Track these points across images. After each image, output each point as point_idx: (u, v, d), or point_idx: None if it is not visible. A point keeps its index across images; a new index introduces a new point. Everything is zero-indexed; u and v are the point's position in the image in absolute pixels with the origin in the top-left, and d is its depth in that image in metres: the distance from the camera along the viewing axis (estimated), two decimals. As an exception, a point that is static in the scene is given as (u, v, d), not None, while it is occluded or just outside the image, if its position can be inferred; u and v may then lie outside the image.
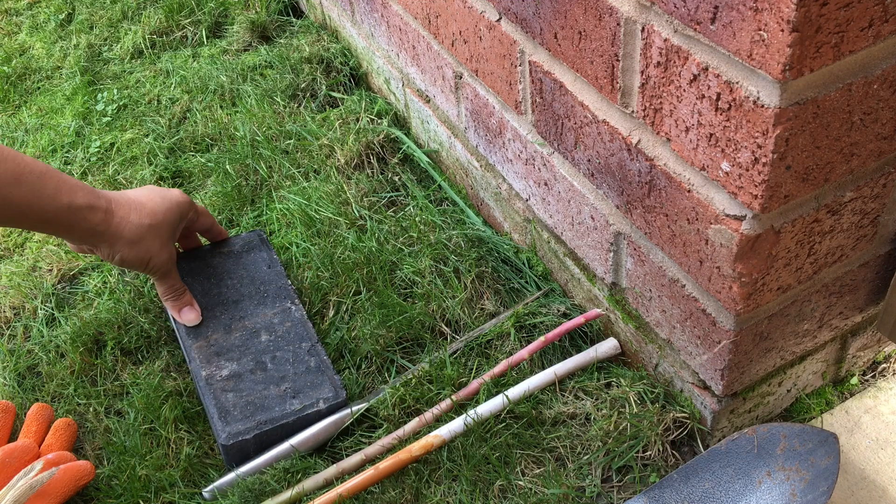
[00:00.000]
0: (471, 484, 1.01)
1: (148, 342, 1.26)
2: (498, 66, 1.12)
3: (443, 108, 1.38)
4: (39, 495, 1.02)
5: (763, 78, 0.68)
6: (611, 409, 1.05)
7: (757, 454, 0.96)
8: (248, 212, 1.46)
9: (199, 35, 1.93)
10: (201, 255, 1.31)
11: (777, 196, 0.75)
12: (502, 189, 1.28)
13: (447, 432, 1.05)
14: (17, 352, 1.28)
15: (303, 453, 1.07)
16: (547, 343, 1.13)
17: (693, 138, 0.79)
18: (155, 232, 1.10)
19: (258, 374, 1.14)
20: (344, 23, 1.72)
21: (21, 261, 1.45)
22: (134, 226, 1.08)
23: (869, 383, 1.11)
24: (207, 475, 1.09)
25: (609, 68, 0.88)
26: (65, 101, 1.82)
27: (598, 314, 1.13)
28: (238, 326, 1.20)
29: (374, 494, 1.02)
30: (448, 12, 1.19)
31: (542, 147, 1.10)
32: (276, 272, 1.28)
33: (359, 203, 1.41)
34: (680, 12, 0.74)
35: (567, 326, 1.14)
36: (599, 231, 1.05)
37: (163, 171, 1.57)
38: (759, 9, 0.65)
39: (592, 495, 1.00)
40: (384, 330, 1.20)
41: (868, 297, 0.99)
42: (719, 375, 0.94)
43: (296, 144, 1.55)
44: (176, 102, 1.73)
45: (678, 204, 0.86)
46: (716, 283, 0.86)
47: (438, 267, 1.27)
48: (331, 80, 1.69)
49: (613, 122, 0.92)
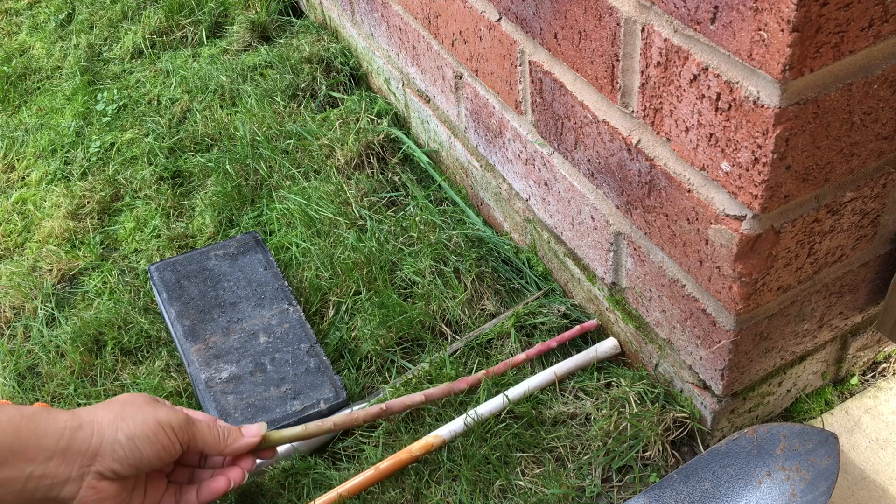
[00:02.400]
0: (471, 484, 1.01)
1: (148, 342, 1.26)
2: (498, 66, 1.12)
3: (443, 108, 1.38)
4: (39, 496, 1.02)
5: (763, 78, 0.68)
6: (611, 409, 1.05)
7: (757, 454, 0.96)
8: (248, 212, 1.46)
9: (199, 35, 1.93)
10: (196, 259, 1.31)
11: (777, 196, 0.75)
12: (502, 189, 1.28)
13: (447, 432, 1.05)
14: (17, 352, 1.28)
15: (303, 453, 1.07)
16: (542, 351, 1.13)
17: (693, 138, 0.79)
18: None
19: (258, 376, 1.14)
20: (344, 23, 1.72)
21: (21, 261, 1.45)
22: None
23: (869, 383, 1.11)
24: (207, 475, 1.09)
25: (609, 68, 0.88)
26: (65, 101, 1.82)
27: (595, 325, 1.13)
28: (236, 329, 1.20)
29: (374, 494, 1.02)
30: (448, 12, 1.19)
31: (542, 147, 1.10)
32: (272, 273, 1.28)
33: (359, 203, 1.41)
34: (680, 12, 0.74)
35: (563, 337, 1.14)
36: (599, 231, 1.05)
37: (163, 170, 1.57)
38: (759, 9, 0.65)
39: (592, 495, 1.00)
40: (384, 330, 1.19)
41: (868, 297, 0.99)
42: (719, 375, 0.94)
43: (296, 144, 1.55)
44: (176, 102, 1.73)
45: (678, 204, 0.86)
46: (716, 283, 0.86)
47: (438, 267, 1.27)
48: (331, 80, 1.69)
49: (613, 122, 0.91)
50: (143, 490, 0.72)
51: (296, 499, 1.03)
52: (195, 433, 0.73)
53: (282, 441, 0.79)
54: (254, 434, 0.77)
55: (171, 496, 0.75)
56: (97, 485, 0.68)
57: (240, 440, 0.77)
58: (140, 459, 0.70)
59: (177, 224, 1.47)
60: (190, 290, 1.26)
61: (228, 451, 0.76)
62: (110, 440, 0.69)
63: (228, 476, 0.78)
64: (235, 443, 0.76)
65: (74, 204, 1.53)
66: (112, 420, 0.70)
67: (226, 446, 0.76)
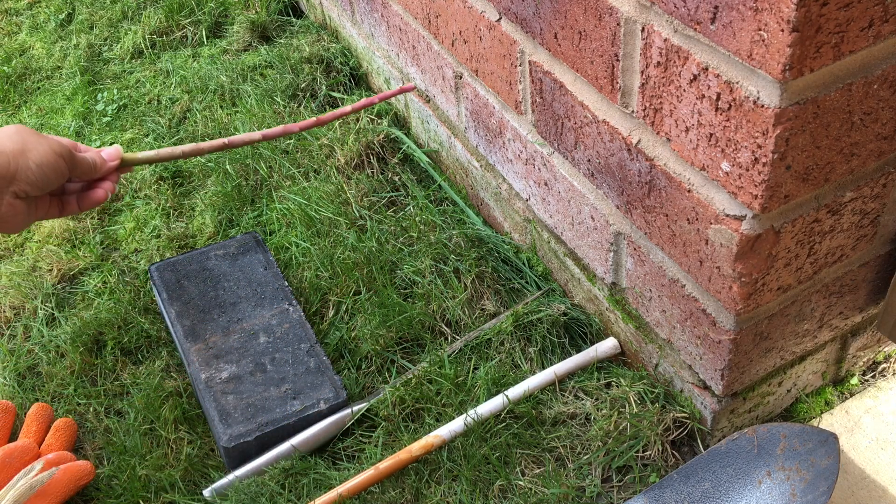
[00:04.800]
0: (471, 484, 1.01)
1: (148, 342, 1.26)
2: (498, 66, 1.12)
3: (443, 108, 1.38)
4: (39, 495, 1.02)
5: (763, 78, 0.68)
6: (611, 409, 1.05)
7: (757, 454, 0.96)
8: (248, 212, 1.46)
9: (199, 35, 1.93)
10: (196, 259, 1.31)
11: (777, 196, 0.75)
12: (502, 189, 1.28)
13: (447, 432, 1.05)
14: (17, 352, 1.28)
15: (303, 453, 1.07)
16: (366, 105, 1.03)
17: (693, 138, 0.79)
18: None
19: (258, 376, 1.14)
20: (344, 23, 1.72)
21: (21, 261, 1.45)
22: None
23: (869, 383, 1.11)
24: (208, 475, 1.09)
25: (609, 68, 0.88)
26: (65, 101, 1.82)
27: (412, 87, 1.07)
28: (236, 329, 1.20)
29: (374, 494, 1.02)
30: (448, 12, 1.19)
31: (542, 147, 1.10)
32: (272, 273, 1.28)
33: (359, 203, 1.41)
34: (680, 12, 0.74)
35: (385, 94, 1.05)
36: (599, 231, 1.05)
37: (163, 170, 1.57)
38: (759, 9, 0.65)
39: (592, 495, 1.00)
40: (384, 330, 1.19)
41: (868, 297, 0.99)
42: (719, 375, 0.94)
43: (296, 144, 1.55)
44: (176, 102, 1.73)
45: (678, 204, 0.86)
46: (716, 283, 0.86)
47: (438, 267, 1.27)
48: (331, 80, 1.69)
49: (613, 122, 0.91)
50: (35, 208, 0.89)
51: (296, 499, 1.03)
52: (75, 160, 0.89)
53: (136, 161, 0.95)
54: (114, 157, 0.93)
55: (55, 207, 0.92)
56: (13, 203, 0.85)
57: (104, 164, 0.93)
58: (46, 182, 0.86)
59: (177, 224, 1.47)
60: (190, 290, 1.26)
61: (98, 174, 0.93)
62: (24, 167, 0.84)
63: (104, 187, 0.94)
64: (102, 166, 0.93)
65: (74, 204, 1.53)
66: (21, 150, 0.85)
67: (95, 171, 0.92)
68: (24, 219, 0.88)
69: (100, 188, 0.94)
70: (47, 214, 0.92)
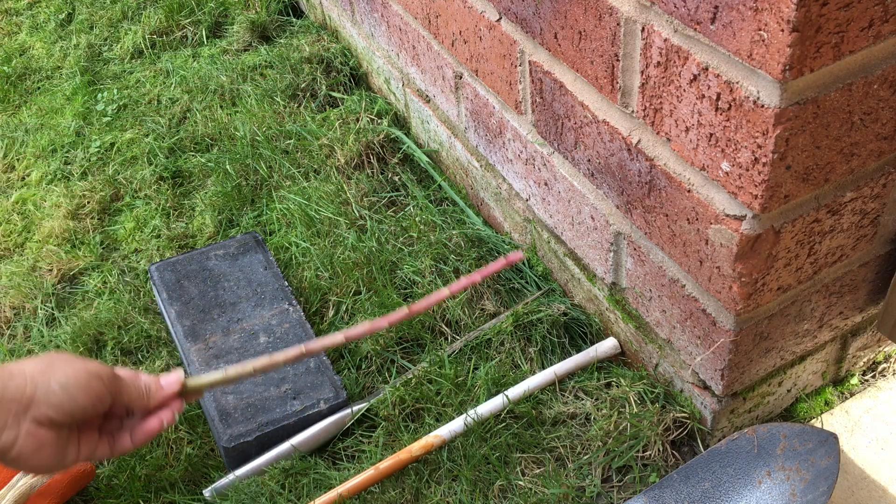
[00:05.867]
0: (471, 484, 1.01)
1: (148, 342, 1.26)
2: (498, 66, 1.12)
3: (443, 108, 1.38)
4: (39, 495, 1.02)
5: (763, 78, 0.68)
6: (611, 408, 1.05)
7: (757, 454, 0.96)
8: (248, 212, 1.46)
9: (199, 35, 1.93)
10: (196, 259, 1.31)
11: (777, 196, 0.75)
12: (502, 189, 1.28)
13: (447, 432, 1.05)
14: (17, 352, 1.28)
15: (303, 453, 1.07)
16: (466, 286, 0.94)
17: (693, 138, 0.79)
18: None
19: (258, 376, 1.13)
20: (344, 23, 1.72)
21: (21, 261, 1.45)
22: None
23: (869, 383, 1.11)
24: (208, 475, 1.09)
25: (609, 68, 0.88)
26: (65, 101, 1.82)
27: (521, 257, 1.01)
28: (236, 329, 1.20)
29: (374, 494, 1.02)
30: (448, 12, 1.19)
31: (542, 147, 1.10)
32: (272, 273, 1.28)
33: (359, 203, 1.41)
34: (680, 12, 0.74)
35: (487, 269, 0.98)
36: (599, 231, 1.05)
37: (163, 170, 1.57)
38: (759, 9, 0.65)
39: (592, 495, 1.00)
40: (384, 330, 1.19)
41: (868, 297, 0.99)
42: (719, 375, 0.94)
43: (296, 144, 1.55)
44: (176, 102, 1.73)
45: (678, 204, 0.86)
46: (716, 283, 0.86)
47: (438, 267, 1.27)
48: (331, 80, 1.69)
49: (613, 122, 0.91)
50: (76, 443, 0.74)
51: (296, 499, 1.03)
52: (121, 385, 0.76)
53: (200, 387, 0.82)
54: (172, 383, 0.81)
55: (105, 444, 0.78)
56: (35, 431, 0.69)
57: (161, 392, 0.80)
58: (74, 406, 0.72)
59: (177, 224, 1.47)
60: (190, 290, 1.26)
61: (152, 403, 0.80)
62: (44, 388, 0.70)
63: (160, 417, 0.81)
64: (157, 394, 0.80)
65: (74, 204, 1.53)
66: (43, 370, 0.72)
67: (149, 398, 0.79)
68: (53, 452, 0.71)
69: (154, 418, 0.80)
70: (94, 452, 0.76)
